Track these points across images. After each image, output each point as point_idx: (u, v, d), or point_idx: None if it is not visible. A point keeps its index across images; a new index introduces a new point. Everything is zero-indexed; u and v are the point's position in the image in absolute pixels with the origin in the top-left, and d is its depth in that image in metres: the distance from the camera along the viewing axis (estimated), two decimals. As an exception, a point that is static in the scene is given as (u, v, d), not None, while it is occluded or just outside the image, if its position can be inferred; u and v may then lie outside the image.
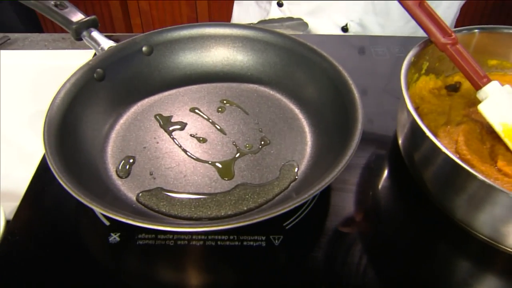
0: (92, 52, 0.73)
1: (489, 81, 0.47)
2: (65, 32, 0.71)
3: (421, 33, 0.49)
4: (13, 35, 0.81)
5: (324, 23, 0.80)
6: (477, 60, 0.54)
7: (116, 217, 0.34)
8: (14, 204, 0.45)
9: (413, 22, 0.66)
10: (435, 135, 0.48)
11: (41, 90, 0.67)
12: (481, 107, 0.47)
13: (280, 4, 0.85)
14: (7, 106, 0.66)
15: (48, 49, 0.79)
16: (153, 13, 2.06)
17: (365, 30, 0.82)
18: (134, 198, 0.43)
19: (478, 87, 0.48)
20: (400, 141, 0.49)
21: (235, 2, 1.02)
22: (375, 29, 0.82)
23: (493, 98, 0.46)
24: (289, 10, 0.85)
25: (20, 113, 0.64)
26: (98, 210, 0.35)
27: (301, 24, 0.79)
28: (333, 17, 0.79)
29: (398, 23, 0.81)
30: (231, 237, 0.40)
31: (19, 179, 0.48)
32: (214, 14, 1.94)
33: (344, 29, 0.82)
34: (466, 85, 0.53)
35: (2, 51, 0.76)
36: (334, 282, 0.37)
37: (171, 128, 0.51)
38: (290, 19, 0.79)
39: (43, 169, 0.47)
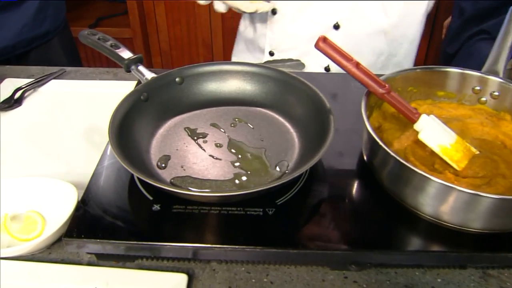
0: (130, 82, 0.92)
1: (419, 115, 0.60)
2: (105, 67, 0.90)
3: (390, 69, 0.65)
4: (67, 68, 1.01)
5: (310, 64, 0.99)
6: (427, 91, 0.71)
7: (161, 185, 0.52)
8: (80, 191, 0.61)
9: (383, 57, 0.81)
10: (391, 145, 0.64)
11: (90, 111, 0.86)
12: (421, 137, 0.60)
13: (271, 54, 1.04)
14: (65, 122, 0.84)
15: (95, 79, 0.98)
16: (172, 53, 2.29)
17: None
18: (169, 182, 0.60)
19: (413, 121, 0.60)
20: (363, 149, 0.65)
21: (232, 54, 1.22)
22: None
23: (427, 128, 0.59)
24: (279, 57, 1.03)
25: (76, 128, 0.82)
26: (149, 181, 0.52)
27: (299, 64, 0.98)
28: (317, 60, 0.98)
29: (369, 60, 0.98)
30: (238, 209, 0.56)
31: (80, 175, 0.65)
32: (227, 55, 2.16)
33: (327, 69, 1.00)
34: (420, 109, 0.70)
35: (60, 80, 0.96)
36: (308, 238, 0.53)
37: (196, 137, 0.68)
38: (290, 60, 0.98)
39: (102, 163, 0.64)
